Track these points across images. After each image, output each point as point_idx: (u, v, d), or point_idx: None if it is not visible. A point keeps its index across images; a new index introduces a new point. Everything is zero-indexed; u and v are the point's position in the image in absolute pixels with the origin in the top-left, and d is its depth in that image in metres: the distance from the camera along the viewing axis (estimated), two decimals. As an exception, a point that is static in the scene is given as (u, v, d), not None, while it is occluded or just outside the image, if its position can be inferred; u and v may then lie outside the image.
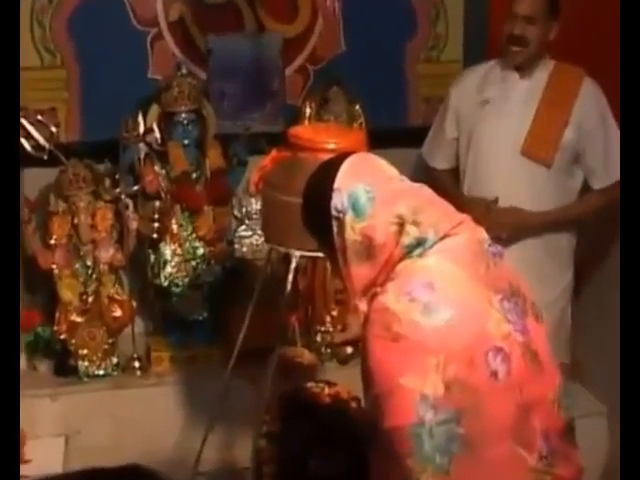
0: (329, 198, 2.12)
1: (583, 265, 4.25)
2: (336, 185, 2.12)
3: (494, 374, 1.99)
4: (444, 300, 2.01)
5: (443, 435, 1.96)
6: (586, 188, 3.88)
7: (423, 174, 3.88)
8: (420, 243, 2.08)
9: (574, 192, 3.87)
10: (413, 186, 2.19)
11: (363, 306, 2.15)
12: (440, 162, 4.11)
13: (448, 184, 3.94)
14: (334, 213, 2.12)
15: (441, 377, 1.96)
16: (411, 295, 2.01)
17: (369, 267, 2.12)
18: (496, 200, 3.77)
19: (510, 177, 3.79)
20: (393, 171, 2.22)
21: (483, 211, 3.59)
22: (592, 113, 3.77)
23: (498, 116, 3.83)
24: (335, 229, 2.13)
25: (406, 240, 2.08)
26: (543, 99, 3.78)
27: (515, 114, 3.80)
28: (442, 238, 2.10)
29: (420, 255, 2.08)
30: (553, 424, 2.11)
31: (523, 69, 3.81)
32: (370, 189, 2.11)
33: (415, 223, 2.08)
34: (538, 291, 2.29)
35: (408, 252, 2.08)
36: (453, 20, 4.63)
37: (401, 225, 2.08)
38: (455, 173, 4.06)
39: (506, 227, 3.66)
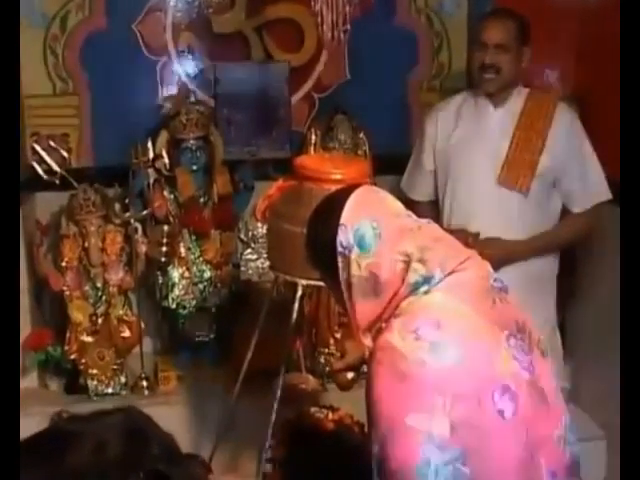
0: (334, 234, 2.00)
1: (574, 288, 4.19)
2: (342, 221, 2.00)
3: (501, 413, 1.87)
4: (451, 339, 1.89)
5: (449, 475, 1.84)
6: (566, 210, 3.75)
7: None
8: (426, 280, 1.96)
9: (554, 216, 3.75)
10: (420, 222, 2.08)
11: (368, 341, 2.04)
12: (419, 194, 3.96)
13: (428, 217, 3.76)
14: (339, 249, 2.00)
15: (448, 417, 1.83)
16: (417, 333, 1.88)
17: (374, 303, 2.00)
18: (477, 234, 3.64)
19: (488, 207, 3.67)
20: (399, 206, 2.11)
21: (463, 243, 3.41)
22: (567, 138, 3.66)
23: (474, 147, 3.71)
24: (340, 265, 2.01)
25: (412, 278, 1.96)
26: (518, 127, 3.66)
27: (490, 144, 3.68)
28: (448, 274, 1.98)
29: (426, 292, 1.97)
30: (559, 461, 2.00)
31: (497, 98, 3.69)
32: (376, 225, 1.99)
33: (421, 261, 1.96)
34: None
35: (414, 289, 1.96)
36: (456, 49, 4.57)
37: (407, 262, 1.96)
38: (435, 206, 3.93)
39: (487, 259, 3.42)
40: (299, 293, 3.00)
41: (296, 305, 3.03)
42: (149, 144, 4.00)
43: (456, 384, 1.85)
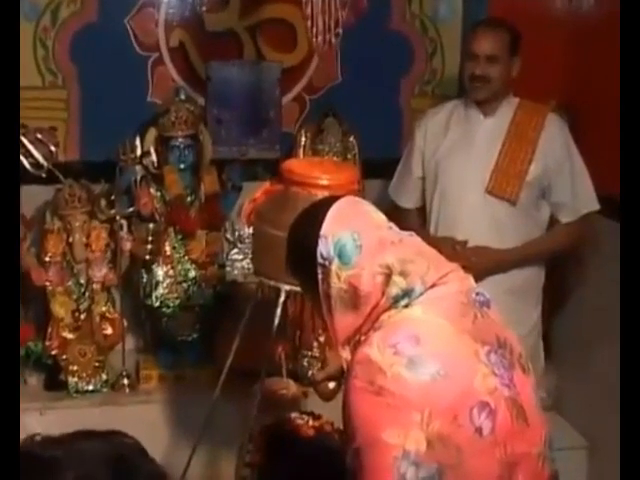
0: (315, 244, 1.98)
1: (560, 297, 4.19)
2: (322, 231, 1.98)
3: (478, 430, 1.85)
4: (430, 354, 1.87)
5: None
6: (554, 220, 3.77)
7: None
8: (407, 294, 1.94)
9: (542, 226, 3.76)
10: (402, 235, 2.05)
11: (346, 354, 2.02)
12: (407, 201, 3.95)
13: (415, 224, 3.77)
14: (319, 260, 1.98)
15: (424, 433, 1.82)
16: (396, 348, 1.87)
17: (354, 316, 1.98)
18: (465, 242, 3.64)
19: (476, 216, 3.67)
20: (381, 218, 2.08)
21: (450, 251, 3.37)
22: (557, 148, 3.66)
23: (463, 156, 3.70)
24: (320, 276, 1.99)
25: (393, 291, 1.94)
26: (507, 136, 3.67)
27: (480, 153, 3.68)
28: (429, 288, 1.96)
29: (406, 305, 1.95)
30: (538, 479, 1.98)
31: (487, 107, 3.70)
32: (357, 237, 1.97)
33: (402, 274, 1.94)
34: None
35: (394, 302, 1.95)
36: (449, 55, 4.55)
37: (388, 275, 1.94)
38: (422, 213, 3.92)
39: (475, 267, 3.28)
40: (282, 299, 2.98)
41: (278, 311, 3.01)
42: (137, 141, 3.99)
43: (434, 400, 1.84)
